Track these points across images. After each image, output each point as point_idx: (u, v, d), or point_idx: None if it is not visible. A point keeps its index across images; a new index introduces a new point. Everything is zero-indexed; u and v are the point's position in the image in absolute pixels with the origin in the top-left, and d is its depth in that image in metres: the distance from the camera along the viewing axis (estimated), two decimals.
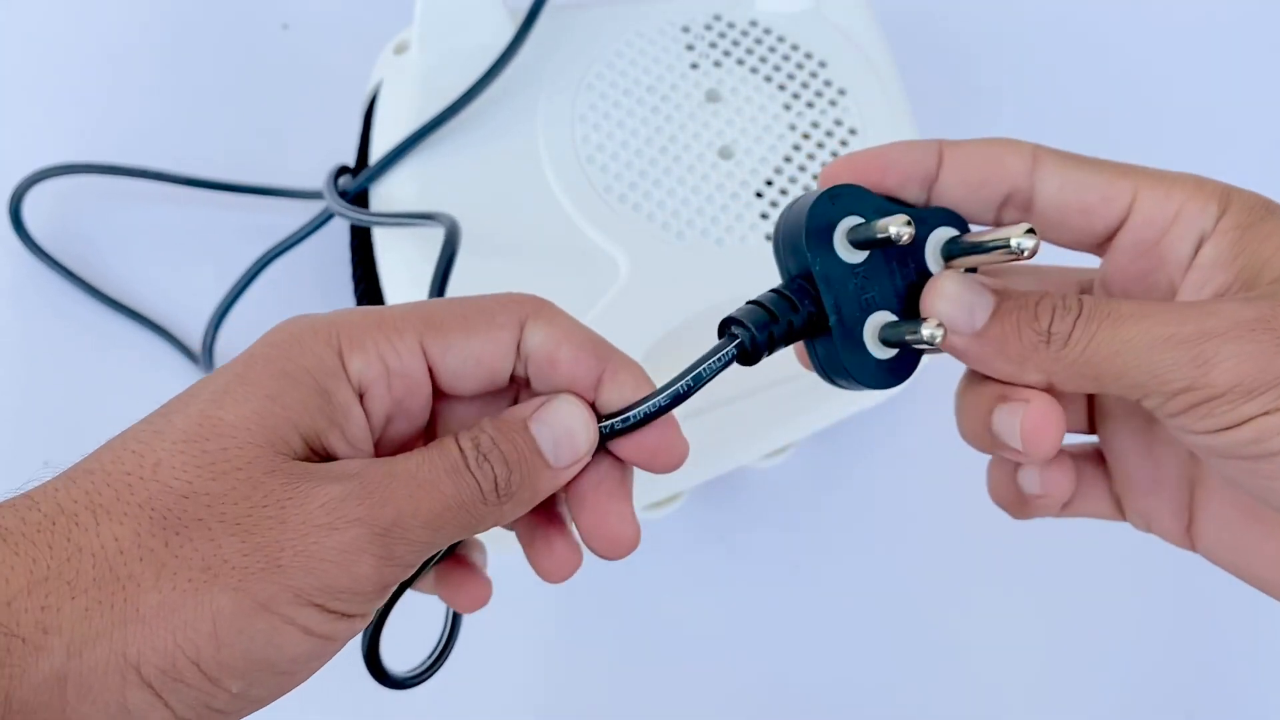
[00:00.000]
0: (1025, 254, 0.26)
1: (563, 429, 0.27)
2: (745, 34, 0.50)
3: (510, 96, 0.47)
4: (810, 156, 0.48)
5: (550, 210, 0.46)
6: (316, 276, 0.45)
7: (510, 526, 0.30)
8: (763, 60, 0.50)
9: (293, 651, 0.24)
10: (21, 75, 0.60)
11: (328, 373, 0.26)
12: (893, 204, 0.29)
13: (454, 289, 0.44)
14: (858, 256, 0.29)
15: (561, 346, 0.28)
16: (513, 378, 0.29)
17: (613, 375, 0.28)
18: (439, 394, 0.29)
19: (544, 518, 0.30)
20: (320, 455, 0.26)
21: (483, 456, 0.26)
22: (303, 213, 0.53)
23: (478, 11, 0.48)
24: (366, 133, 0.50)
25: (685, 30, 0.50)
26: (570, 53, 0.49)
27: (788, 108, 0.49)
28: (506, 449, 0.27)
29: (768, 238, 0.46)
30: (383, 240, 0.46)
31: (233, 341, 0.52)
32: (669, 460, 0.29)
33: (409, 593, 0.31)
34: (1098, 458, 0.33)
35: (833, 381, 0.29)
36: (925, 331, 0.27)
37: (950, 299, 0.28)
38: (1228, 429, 0.25)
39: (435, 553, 0.28)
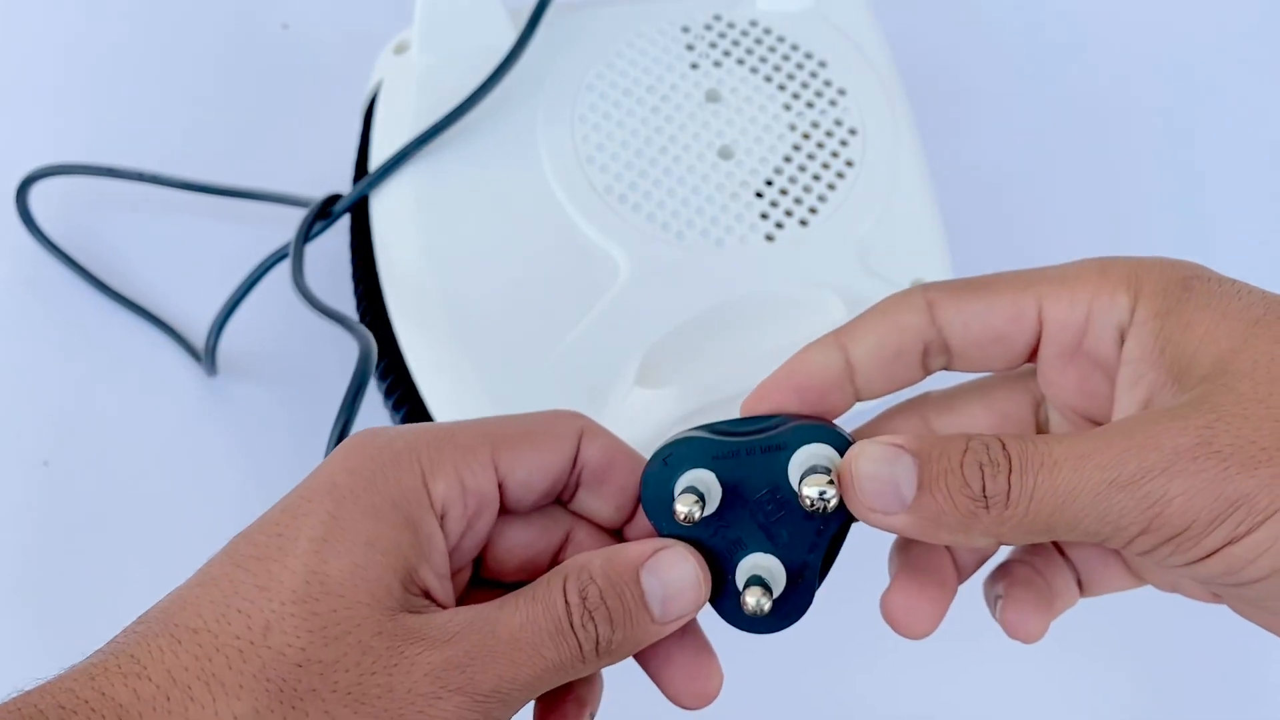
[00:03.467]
0: (829, 502, 0.26)
1: (675, 586, 0.27)
2: (745, 34, 0.50)
3: (510, 97, 0.47)
4: (810, 156, 0.48)
5: (550, 211, 0.46)
6: (318, 280, 0.46)
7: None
8: (763, 60, 0.50)
9: None
10: (22, 74, 0.60)
11: (415, 503, 0.27)
12: (732, 439, 0.28)
13: (456, 291, 0.44)
14: (709, 508, 0.28)
15: (617, 456, 0.29)
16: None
17: None
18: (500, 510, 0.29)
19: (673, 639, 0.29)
20: (414, 590, 0.26)
21: (588, 614, 0.26)
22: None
23: (478, 12, 0.48)
24: (366, 133, 0.50)
25: (685, 30, 0.50)
26: (570, 53, 0.49)
27: (788, 108, 0.49)
28: (613, 605, 0.26)
29: (768, 238, 0.46)
30: (383, 245, 0.46)
31: (235, 344, 0.53)
32: None
33: None
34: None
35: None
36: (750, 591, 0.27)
37: (869, 479, 0.26)
38: (1196, 562, 0.24)
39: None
